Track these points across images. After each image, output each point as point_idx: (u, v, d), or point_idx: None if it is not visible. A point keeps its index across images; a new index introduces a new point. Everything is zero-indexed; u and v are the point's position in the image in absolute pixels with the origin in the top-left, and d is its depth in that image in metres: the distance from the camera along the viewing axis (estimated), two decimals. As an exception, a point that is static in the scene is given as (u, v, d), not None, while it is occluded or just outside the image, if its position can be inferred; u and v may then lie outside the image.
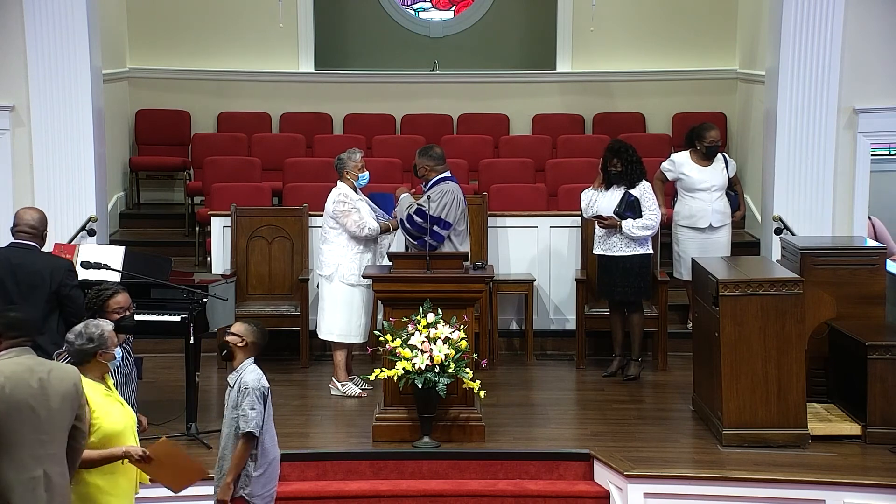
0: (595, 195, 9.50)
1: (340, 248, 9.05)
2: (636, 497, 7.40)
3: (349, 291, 9.04)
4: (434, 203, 8.83)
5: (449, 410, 7.99)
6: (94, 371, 5.66)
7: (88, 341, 5.63)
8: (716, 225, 9.99)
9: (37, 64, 9.90)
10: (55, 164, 9.97)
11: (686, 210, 10.06)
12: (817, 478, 7.35)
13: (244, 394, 6.14)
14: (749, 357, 7.88)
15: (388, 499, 7.62)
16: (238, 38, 13.37)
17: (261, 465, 6.21)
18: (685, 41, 13.36)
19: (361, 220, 9.00)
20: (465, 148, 12.46)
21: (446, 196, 8.97)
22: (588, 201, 9.52)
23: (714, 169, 10.01)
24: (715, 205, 9.99)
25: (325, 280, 9.13)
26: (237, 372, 6.27)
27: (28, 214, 7.89)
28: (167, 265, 8.52)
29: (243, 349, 6.28)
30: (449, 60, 14.01)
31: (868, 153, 10.26)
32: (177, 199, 13.03)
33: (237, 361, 6.29)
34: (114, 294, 6.53)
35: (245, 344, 6.27)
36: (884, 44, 10.10)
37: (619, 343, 9.64)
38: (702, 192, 9.99)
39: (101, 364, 5.68)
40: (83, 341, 5.63)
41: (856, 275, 8.51)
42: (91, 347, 5.63)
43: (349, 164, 9.12)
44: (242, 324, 6.37)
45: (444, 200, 8.93)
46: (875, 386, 7.96)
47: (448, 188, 9.03)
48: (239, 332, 6.29)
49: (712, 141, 9.97)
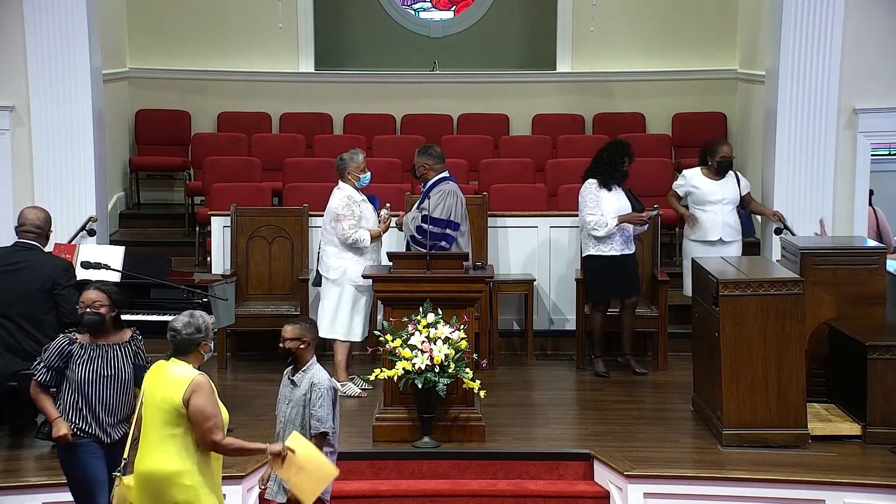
0: (601, 196, 9.49)
1: (347, 250, 9.03)
2: (636, 497, 7.40)
3: (355, 292, 9.04)
4: (438, 205, 8.82)
5: (449, 410, 7.99)
6: (194, 361, 5.86)
7: (196, 331, 5.84)
8: (726, 239, 9.86)
9: (37, 64, 9.89)
10: (55, 164, 9.97)
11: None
12: (817, 478, 7.36)
13: (317, 394, 6.22)
14: (749, 357, 7.88)
15: (388, 499, 7.63)
16: (238, 38, 13.37)
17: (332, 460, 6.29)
18: (685, 41, 13.37)
19: (353, 231, 8.91)
20: (465, 148, 12.46)
21: (449, 197, 8.97)
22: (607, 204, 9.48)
23: (725, 183, 9.94)
24: (726, 218, 9.91)
25: (331, 282, 9.10)
26: (304, 372, 6.35)
27: (33, 214, 7.91)
28: (167, 265, 8.52)
29: (307, 349, 6.36)
30: (449, 60, 14.02)
31: (868, 153, 10.25)
32: (177, 199, 13.04)
33: (303, 362, 6.37)
34: (86, 289, 6.47)
35: (307, 344, 6.35)
36: (884, 44, 10.09)
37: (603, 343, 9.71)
38: (713, 204, 9.91)
39: (200, 355, 5.87)
40: (190, 331, 5.83)
41: (856, 275, 8.51)
42: (197, 338, 5.83)
43: (351, 165, 9.09)
44: (294, 325, 6.39)
45: (447, 202, 8.93)
46: (875, 386, 7.96)
47: (448, 188, 9.04)
48: (297, 336, 6.34)
49: (723, 156, 9.89)
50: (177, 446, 5.74)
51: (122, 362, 6.40)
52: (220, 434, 5.75)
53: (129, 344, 6.47)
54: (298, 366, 6.40)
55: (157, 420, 5.78)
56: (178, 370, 5.83)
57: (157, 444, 5.77)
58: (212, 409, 5.73)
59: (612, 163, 9.55)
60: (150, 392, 5.84)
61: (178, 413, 5.73)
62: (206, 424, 5.72)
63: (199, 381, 5.78)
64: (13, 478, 7.33)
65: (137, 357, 6.47)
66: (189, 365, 5.85)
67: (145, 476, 5.80)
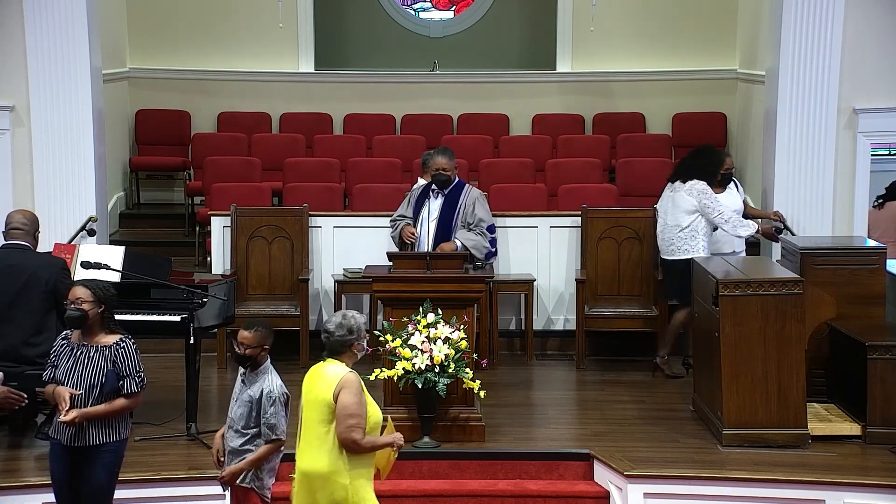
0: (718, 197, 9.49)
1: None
2: (636, 497, 7.40)
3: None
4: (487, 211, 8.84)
5: (449, 410, 7.99)
6: (348, 360, 5.93)
7: (348, 332, 5.90)
8: (738, 250, 9.77)
9: (37, 64, 9.89)
10: (55, 164, 9.97)
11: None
12: (817, 478, 7.35)
13: (269, 401, 6.16)
14: (749, 357, 7.88)
15: (388, 499, 7.60)
16: (238, 38, 13.37)
17: (275, 463, 6.28)
18: (685, 41, 13.37)
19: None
20: (465, 148, 12.44)
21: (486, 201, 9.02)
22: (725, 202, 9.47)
23: (730, 194, 9.88)
24: None
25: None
26: (257, 374, 6.27)
27: (18, 214, 7.96)
28: (167, 265, 8.52)
29: (263, 355, 6.29)
30: (449, 60, 14.02)
31: (868, 153, 10.25)
32: (177, 199, 13.04)
33: (258, 366, 6.29)
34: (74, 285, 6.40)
35: (262, 350, 6.28)
36: (884, 44, 10.09)
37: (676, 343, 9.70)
38: None
39: (353, 354, 5.94)
40: (343, 332, 5.90)
41: (856, 275, 8.51)
42: (350, 339, 5.90)
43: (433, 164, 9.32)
44: (254, 332, 6.28)
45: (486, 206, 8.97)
46: (875, 386, 7.96)
47: (477, 192, 9.08)
48: (258, 343, 6.25)
49: (728, 168, 9.82)
50: (330, 444, 5.82)
51: (100, 365, 6.21)
52: (359, 433, 5.79)
53: (112, 348, 6.24)
54: (253, 368, 6.30)
55: (313, 419, 5.88)
56: (332, 369, 5.92)
57: (313, 442, 5.87)
58: (356, 409, 5.79)
59: (718, 164, 9.50)
60: (307, 391, 5.97)
61: (330, 410, 5.82)
62: (348, 422, 5.78)
63: (349, 379, 5.86)
64: (13, 478, 7.32)
65: (115, 363, 6.22)
66: (342, 364, 5.94)
67: (303, 473, 5.91)
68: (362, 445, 5.84)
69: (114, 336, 6.30)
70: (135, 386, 6.25)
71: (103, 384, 6.18)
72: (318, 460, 5.84)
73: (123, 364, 6.24)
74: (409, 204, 9.44)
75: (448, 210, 9.20)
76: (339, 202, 11.37)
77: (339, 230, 10.36)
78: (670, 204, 9.49)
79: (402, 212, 9.44)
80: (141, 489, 7.22)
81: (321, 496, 5.83)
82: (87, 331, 6.27)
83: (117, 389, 6.21)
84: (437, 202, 9.26)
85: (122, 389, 6.21)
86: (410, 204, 9.43)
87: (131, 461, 7.24)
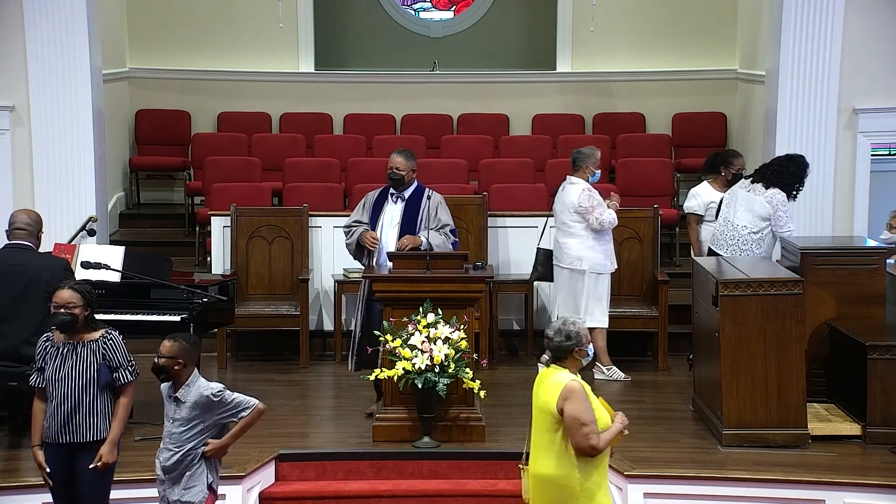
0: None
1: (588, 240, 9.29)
2: (636, 497, 7.39)
3: (597, 279, 9.29)
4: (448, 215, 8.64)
5: (449, 410, 7.99)
6: (571, 366, 5.89)
7: (566, 338, 5.87)
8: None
9: (37, 64, 9.90)
10: (55, 164, 9.98)
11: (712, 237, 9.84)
12: (817, 478, 7.35)
13: (219, 396, 6.07)
14: (749, 357, 7.87)
15: (388, 499, 7.62)
16: (238, 38, 13.38)
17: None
18: (685, 41, 13.37)
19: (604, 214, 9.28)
20: (465, 148, 12.46)
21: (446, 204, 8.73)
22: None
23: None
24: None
25: (577, 273, 9.30)
26: (188, 387, 6.11)
27: (22, 214, 7.93)
28: (167, 265, 8.52)
29: (183, 371, 6.10)
30: (449, 60, 14.02)
31: (868, 153, 10.27)
32: (177, 199, 13.05)
33: (181, 381, 6.12)
34: (59, 289, 6.34)
35: (183, 366, 6.09)
36: (884, 44, 10.11)
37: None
38: None
39: (576, 360, 5.90)
40: (561, 338, 5.88)
41: (856, 275, 8.50)
42: (569, 345, 5.87)
43: (590, 160, 9.41)
44: (173, 343, 6.11)
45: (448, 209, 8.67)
46: (875, 386, 7.95)
47: (438, 196, 8.72)
48: (173, 354, 6.07)
49: (740, 168, 9.73)
50: (557, 451, 5.80)
51: (89, 360, 6.23)
52: (595, 438, 5.73)
53: (99, 342, 6.25)
54: (178, 384, 6.13)
55: (541, 425, 5.88)
56: (556, 376, 5.86)
57: (542, 447, 5.87)
58: (586, 416, 5.73)
59: (801, 179, 9.19)
60: (535, 397, 5.97)
61: (556, 419, 5.78)
62: (582, 431, 5.71)
63: (572, 387, 5.77)
64: (13, 478, 7.32)
65: (105, 356, 6.24)
66: (566, 370, 5.88)
67: (535, 477, 5.93)
68: (601, 448, 5.76)
69: (97, 332, 6.32)
70: (129, 375, 6.28)
71: (97, 378, 6.20)
72: (547, 465, 5.83)
73: (114, 355, 6.26)
74: (364, 210, 8.66)
75: (410, 216, 8.60)
76: (339, 202, 11.37)
77: (340, 230, 10.34)
78: (742, 204, 9.18)
79: (357, 217, 8.64)
80: (141, 489, 7.21)
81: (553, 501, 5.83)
82: (74, 331, 6.29)
83: (111, 382, 6.22)
84: (398, 207, 8.57)
85: (116, 381, 6.22)
86: (366, 210, 8.64)
87: (131, 461, 7.25)
